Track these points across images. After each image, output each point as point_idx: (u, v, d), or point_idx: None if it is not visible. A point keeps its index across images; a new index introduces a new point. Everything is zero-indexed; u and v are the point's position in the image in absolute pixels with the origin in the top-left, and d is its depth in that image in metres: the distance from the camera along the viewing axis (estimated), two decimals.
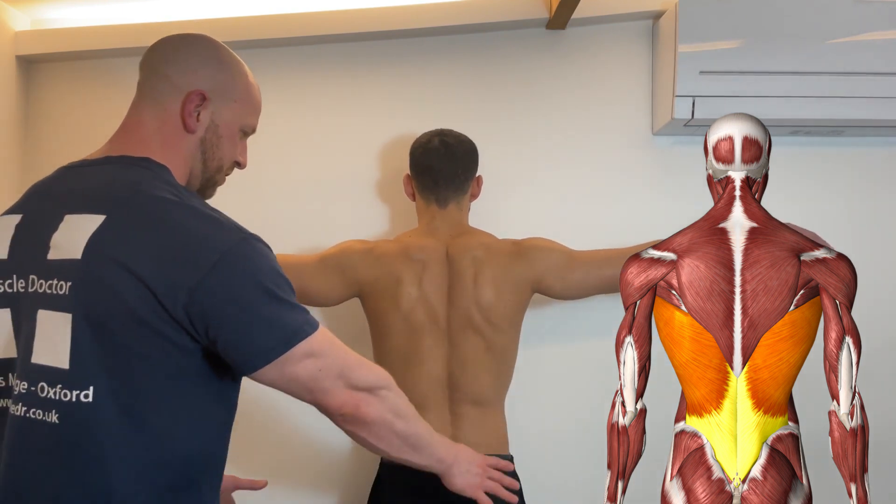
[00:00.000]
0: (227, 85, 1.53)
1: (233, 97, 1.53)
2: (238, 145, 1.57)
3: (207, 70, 1.51)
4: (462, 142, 2.24)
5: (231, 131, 1.54)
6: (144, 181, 1.42)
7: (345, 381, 1.46)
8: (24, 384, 1.37)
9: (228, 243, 1.36)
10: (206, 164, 1.53)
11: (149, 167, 1.46)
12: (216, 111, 1.51)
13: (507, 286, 2.14)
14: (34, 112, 2.55)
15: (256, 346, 1.38)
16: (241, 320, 1.36)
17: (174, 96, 1.49)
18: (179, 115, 1.48)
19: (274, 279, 1.41)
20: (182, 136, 1.49)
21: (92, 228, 1.37)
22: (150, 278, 1.32)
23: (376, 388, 1.51)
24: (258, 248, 1.41)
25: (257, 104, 1.59)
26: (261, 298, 1.37)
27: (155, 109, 1.49)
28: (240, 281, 1.36)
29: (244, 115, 1.56)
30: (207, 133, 1.51)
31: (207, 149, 1.52)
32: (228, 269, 1.35)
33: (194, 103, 1.48)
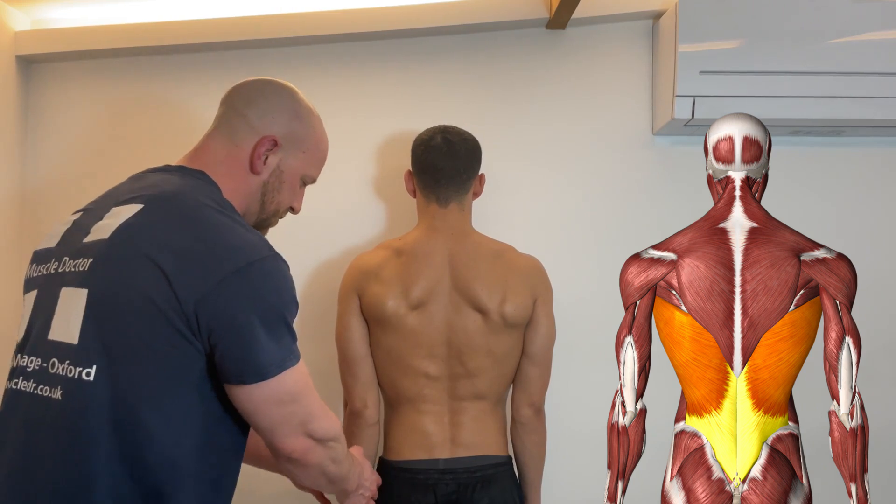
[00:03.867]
0: (300, 135, 1.60)
1: (302, 148, 1.61)
2: (297, 192, 1.65)
3: (284, 118, 1.58)
4: (465, 139, 2.22)
5: (294, 179, 1.61)
6: (191, 186, 1.48)
7: (305, 429, 1.47)
8: (38, 360, 1.40)
9: (252, 257, 1.39)
10: (263, 206, 1.59)
11: (201, 179, 1.51)
12: (284, 158, 1.58)
13: (509, 290, 2.13)
14: (34, 112, 2.55)
15: (248, 364, 1.39)
16: (242, 335, 1.37)
17: (249, 136, 1.55)
18: (249, 155, 1.55)
19: (286, 302, 1.43)
20: (246, 174, 1.55)
21: (127, 216, 1.42)
22: (171, 271, 1.34)
23: (328, 439, 1.52)
24: (279, 269, 1.44)
25: (323, 157, 1.68)
26: (268, 319, 1.39)
27: (227, 143, 1.56)
28: (253, 296, 1.38)
29: (309, 165, 1.64)
30: (271, 177, 1.58)
31: (268, 191, 1.58)
32: (245, 282, 1.37)
33: (265, 147, 1.55)
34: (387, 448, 2.18)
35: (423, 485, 2.09)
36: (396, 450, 2.14)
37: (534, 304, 2.16)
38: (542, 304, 2.18)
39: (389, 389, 2.17)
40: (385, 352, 2.13)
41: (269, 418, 1.44)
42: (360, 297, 2.15)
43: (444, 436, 2.11)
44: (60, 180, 2.50)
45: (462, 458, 2.10)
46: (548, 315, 2.20)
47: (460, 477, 2.09)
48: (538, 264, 2.22)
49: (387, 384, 2.17)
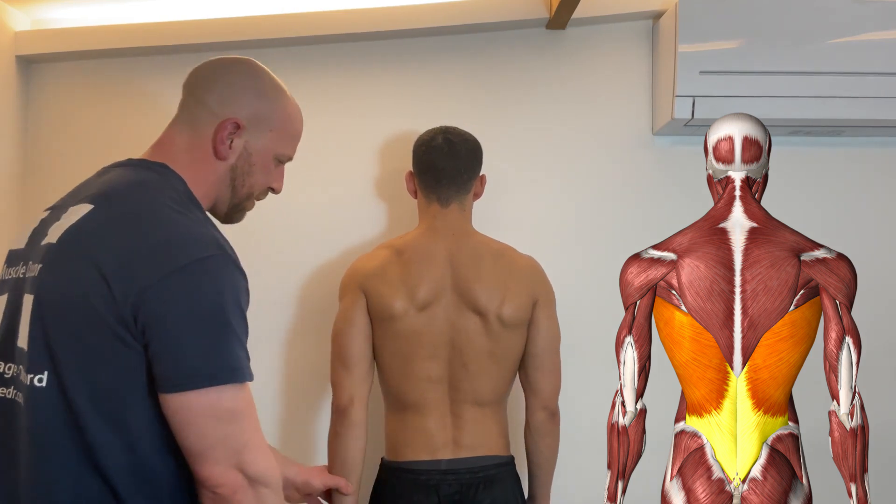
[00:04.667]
0: (265, 114, 1.53)
1: (269, 126, 1.53)
2: (272, 172, 1.57)
3: (245, 99, 1.51)
4: (466, 140, 2.22)
5: (265, 159, 1.54)
6: (148, 182, 1.43)
7: (238, 459, 1.34)
8: (13, 367, 1.39)
9: (193, 256, 1.32)
10: (235, 191, 1.53)
11: (161, 172, 1.46)
12: (250, 140, 1.51)
13: (508, 292, 2.13)
14: (34, 112, 2.55)
15: (180, 368, 1.30)
16: (175, 335, 1.30)
17: (210, 122, 1.49)
18: (212, 141, 1.49)
19: (228, 307, 1.33)
20: (212, 161, 1.49)
21: (77, 217, 1.38)
22: (109, 273, 1.30)
23: (260, 482, 1.36)
24: (224, 270, 1.35)
25: (295, 133, 1.60)
26: (205, 320, 1.31)
27: (189, 132, 1.50)
28: (190, 295, 1.31)
29: (280, 143, 1.56)
30: (239, 161, 1.51)
31: (237, 176, 1.52)
32: (185, 281, 1.30)
33: (227, 131, 1.48)
34: (389, 449, 2.18)
35: (425, 485, 2.09)
36: (399, 451, 2.14)
37: (533, 305, 2.16)
38: (542, 305, 2.18)
39: (393, 394, 2.17)
40: (390, 355, 2.13)
41: (199, 436, 1.32)
42: (366, 296, 2.13)
43: (447, 436, 2.11)
44: (60, 180, 2.50)
45: (464, 458, 2.10)
46: (549, 317, 2.20)
47: (463, 477, 2.09)
48: (538, 266, 2.22)
49: (390, 389, 2.16)
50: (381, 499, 2.16)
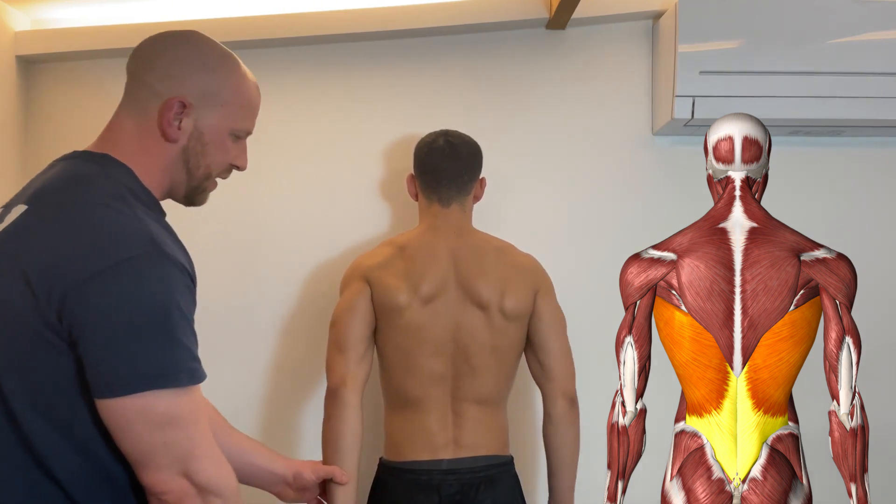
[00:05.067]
0: (213, 89, 1.42)
1: (219, 101, 1.42)
2: (231, 149, 1.46)
3: (189, 75, 1.41)
4: (467, 143, 2.24)
5: (219, 137, 1.44)
6: (85, 177, 1.35)
7: (183, 467, 1.27)
8: None
9: (122, 256, 1.24)
10: (190, 173, 1.44)
11: (104, 164, 1.38)
12: (200, 118, 1.41)
13: (509, 285, 2.13)
14: (34, 112, 2.55)
15: (110, 372, 1.24)
16: (103, 339, 1.23)
17: (153, 103, 1.39)
18: (158, 124, 1.39)
19: (161, 307, 1.25)
20: (162, 144, 1.40)
21: (12, 219, 1.33)
22: (32, 275, 1.24)
23: (210, 491, 1.29)
24: (156, 268, 1.26)
25: (250, 105, 1.48)
26: (134, 323, 1.24)
27: (135, 116, 1.41)
28: (118, 298, 1.23)
29: (234, 118, 1.44)
30: (191, 141, 1.41)
31: (191, 157, 1.42)
32: (110, 282, 1.23)
33: (173, 111, 1.38)
34: (389, 449, 2.17)
35: (426, 485, 2.09)
36: (399, 450, 2.14)
37: (535, 296, 2.16)
38: (543, 294, 2.18)
39: (394, 391, 2.16)
40: (393, 349, 2.13)
41: (137, 444, 1.25)
42: (371, 287, 2.13)
43: (448, 436, 2.11)
44: None
45: (465, 458, 2.10)
46: (551, 303, 2.19)
47: (464, 477, 2.09)
48: (538, 262, 2.23)
49: (392, 385, 2.16)
50: (380, 499, 2.16)
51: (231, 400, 2.54)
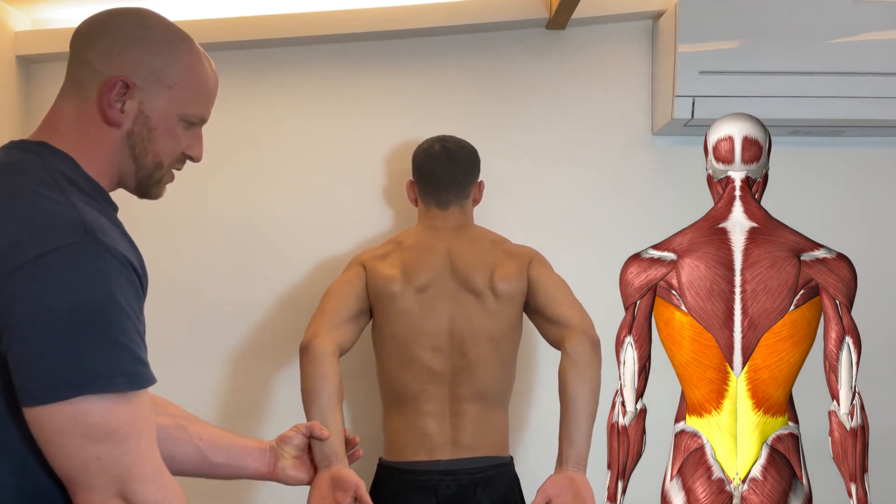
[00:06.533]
0: (160, 69, 1.29)
1: (167, 83, 1.29)
2: (182, 137, 1.34)
3: (133, 53, 1.28)
4: (463, 147, 2.26)
5: (167, 122, 1.31)
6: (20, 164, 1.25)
7: (120, 487, 1.11)
8: None
9: (54, 244, 1.11)
10: (137, 161, 1.31)
11: (38, 152, 1.27)
12: (146, 100, 1.28)
13: (499, 266, 2.14)
14: (34, 112, 2.55)
15: (35, 377, 1.09)
16: (27, 340, 1.09)
17: (94, 84, 1.28)
18: (97, 105, 1.27)
19: (94, 302, 1.11)
20: (103, 129, 1.28)
21: None
22: None
23: None
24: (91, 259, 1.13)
25: (204, 89, 1.35)
26: (61, 320, 1.09)
27: (75, 99, 1.30)
28: (43, 293, 1.09)
29: (184, 102, 1.32)
30: (135, 126, 1.29)
31: (137, 143, 1.30)
32: (40, 274, 1.10)
33: (114, 91, 1.26)
34: (387, 449, 2.18)
35: (423, 486, 2.09)
36: (397, 451, 2.14)
37: (527, 274, 2.14)
38: (536, 267, 2.16)
39: (391, 388, 2.16)
40: (388, 339, 2.13)
41: (67, 460, 1.10)
42: (366, 273, 2.15)
43: (445, 437, 2.11)
44: None
45: (463, 459, 2.10)
46: (548, 272, 2.16)
47: (461, 478, 2.09)
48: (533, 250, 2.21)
49: (389, 382, 2.16)
50: (378, 500, 2.16)
51: (230, 402, 2.55)
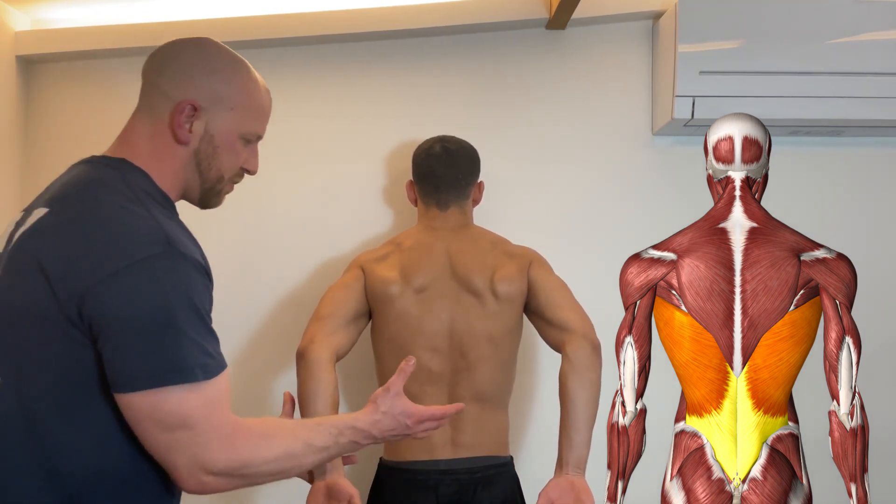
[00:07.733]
0: (222, 93, 1.47)
1: (229, 105, 1.47)
2: (241, 153, 1.52)
3: (199, 79, 1.46)
4: (463, 147, 2.26)
5: (229, 140, 1.49)
6: (102, 181, 1.41)
7: (199, 464, 1.31)
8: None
9: (136, 256, 1.29)
10: (202, 176, 1.49)
11: (119, 168, 1.44)
12: (211, 121, 1.46)
13: (499, 267, 2.14)
14: (34, 112, 2.55)
15: (123, 369, 1.28)
16: (117, 337, 1.28)
17: (166, 107, 1.45)
18: (169, 126, 1.44)
19: (174, 306, 1.30)
20: (174, 147, 1.46)
21: (33, 221, 1.37)
22: (54, 275, 1.29)
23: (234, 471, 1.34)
24: (173, 268, 1.32)
25: (259, 110, 1.53)
26: (146, 321, 1.28)
27: (148, 120, 1.47)
28: (131, 297, 1.28)
29: (243, 122, 1.50)
30: (202, 144, 1.47)
31: (202, 160, 1.48)
32: (124, 282, 1.28)
33: (184, 114, 1.44)
34: (387, 448, 2.17)
35: (423, 486, 2.09)
36: (396, 450, 2.14)
37: (527, 275, 2.15)
38: (536, 268, 2.16)
39: None
40: (387, 340, 2.13)
41: (153, 441, 1.30)
42: (365, 275, 2.16)
43: (445, 436, 2.11)
44: None
45: (463, 458, 2.10)
46: (548, 274, 2.17)
47: (461, 478, 2.09)
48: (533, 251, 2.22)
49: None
50: (378, 499, 2.16)
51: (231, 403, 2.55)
